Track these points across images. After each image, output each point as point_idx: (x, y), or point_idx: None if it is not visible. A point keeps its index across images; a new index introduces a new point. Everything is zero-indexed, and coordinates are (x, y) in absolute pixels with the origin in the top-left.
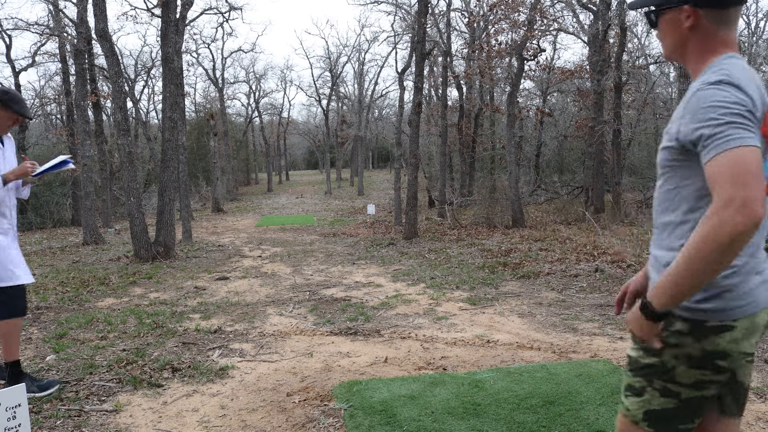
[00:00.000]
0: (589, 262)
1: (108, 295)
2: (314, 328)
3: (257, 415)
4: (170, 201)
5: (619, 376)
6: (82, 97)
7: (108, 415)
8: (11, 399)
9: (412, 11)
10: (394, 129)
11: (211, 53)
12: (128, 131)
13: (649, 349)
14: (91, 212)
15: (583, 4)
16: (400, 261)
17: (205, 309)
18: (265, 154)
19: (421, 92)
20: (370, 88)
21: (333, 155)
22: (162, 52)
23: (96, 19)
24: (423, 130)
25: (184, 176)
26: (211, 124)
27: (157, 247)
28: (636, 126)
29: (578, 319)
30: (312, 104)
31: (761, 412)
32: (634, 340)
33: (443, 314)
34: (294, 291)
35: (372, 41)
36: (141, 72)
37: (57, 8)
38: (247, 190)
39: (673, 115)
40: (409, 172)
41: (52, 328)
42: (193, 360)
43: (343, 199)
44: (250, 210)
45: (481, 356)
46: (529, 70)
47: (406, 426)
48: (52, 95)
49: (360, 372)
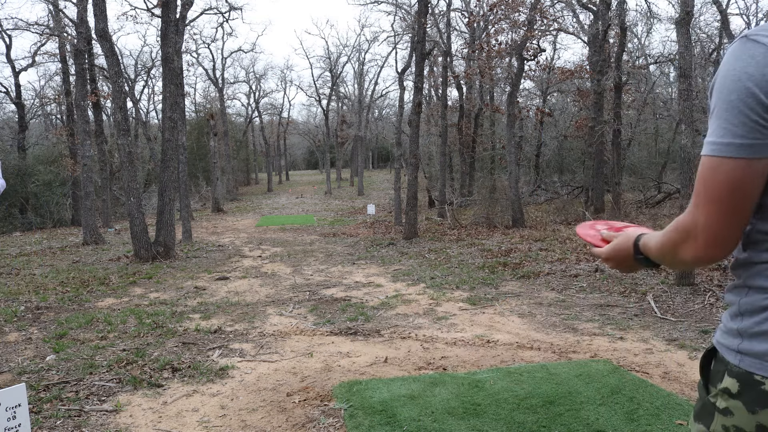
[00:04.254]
0: (589, 262)
1: (108, 295)
2: (314, 328)
3: (257, 415)
4: (170, 201)
5: (619, 376)
6: (82, 97)
7: (108, 415)
8: (11, 399)
9: (412, 11)
10: (394, 129)
11: (211, 53)
12: (128, 131)
13: (699, 414)
14: (91, 212)
15: (583, 4)
16: (400, 261)
17: (205, 309)
18: (265, 154)
19: (421, 92)
20: (370, 88)
21: (333, 155)
22: (162, 52)
23: (96, 19)
24: (423, 130)
25: (184, 176)
26: (211, 124)
27: (157, 247)
28: (636, 126)
29: (578, 319)
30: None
31: None
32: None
33: (443, 314)
34: (294, 291)
35: (372, 41)
36: (141, 72)
37: (57, 8)
38: (247, 190)
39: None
40: (409, 172)
41: (52, 328)
42: (193, 360)
43: (343, 199)
44: (250, 210)
45: (481, 356)
46: (529, 70)
47: (406, 426)
48: (52, 95)
49: (360, 372)
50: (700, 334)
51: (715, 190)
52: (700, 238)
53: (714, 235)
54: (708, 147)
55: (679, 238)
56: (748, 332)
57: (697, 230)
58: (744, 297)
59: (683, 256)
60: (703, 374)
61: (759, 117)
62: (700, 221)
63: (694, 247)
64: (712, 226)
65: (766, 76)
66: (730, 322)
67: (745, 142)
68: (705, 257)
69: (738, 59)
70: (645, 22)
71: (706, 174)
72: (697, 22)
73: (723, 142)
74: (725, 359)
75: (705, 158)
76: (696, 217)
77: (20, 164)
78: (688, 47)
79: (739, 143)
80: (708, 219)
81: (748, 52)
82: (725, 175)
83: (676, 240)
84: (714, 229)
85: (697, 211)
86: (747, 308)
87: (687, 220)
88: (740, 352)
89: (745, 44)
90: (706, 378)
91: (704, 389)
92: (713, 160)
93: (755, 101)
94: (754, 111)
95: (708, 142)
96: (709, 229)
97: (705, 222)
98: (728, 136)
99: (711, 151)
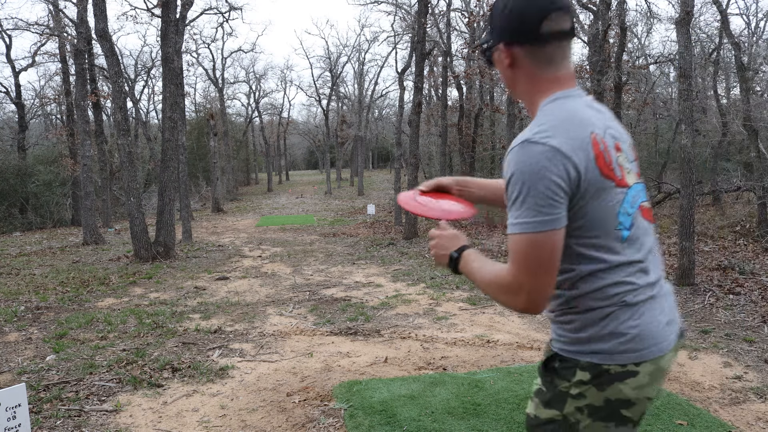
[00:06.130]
0: None
1: (108, 295)
2: (314, 328)
3: (257, 415)
4: (170, 201)
5: None
6: (82, 97)
7: (108, 415)
8: (11, 399)
9: (412, 11)
10: (394, 129)
11: (211, 53)
12: (128, 131)
13: (550, 402)
14: (91, 212)
15: (583, 4)
16: (400, 261)
17: (205, 309)
18: (265, 154)
19: (421, 92)
20: (370, 88)
21: (333, 155)
22: (162, 52)
23: (96, 19)
24: (423, 130)
25: (184, 176)
26: (211, 124)
27: (157, 247)
28: (636, 126)
29: None
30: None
31: (761, 412)
32: (535, 397)
33: (443, 314)
34: (294, 291)
35: (372, 41)
36: (141, 72)
37: (57, 8)
38: (247, 190)
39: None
40: (409, 172)
41: (52, 328)
42: (193, 360)
43: (343, 199)
44: (250, 210)
45: (481, 356)
46: None
47: (406, 426)
48: (52, 95)
49: (360, 372)
50: (701, 334)
51: (539, 259)
52: (529, 298)
53: (543, 294)
54: (524, 226)
55: (504, 295)
56: (593, 338)
57: (523, 292)
58: (583, 315)
59: (510, 306)
60: (547, 374)
61: (558, 197)
62: (525, 286)
63: (523, 302)
64: (540, 289)
65: (558, 166)
66: (577, 334)
67: (554, 217)
68: (533, 310)
69: (530, 157)
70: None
71: (527, 249)
72: (697, 22)
73: (537, 220)
74: (574, 359)
75: (524, 236)
76: (521, 282)
77: (20, 164)
78: (688, 47)
79: (549, 219)
80: (536, 283)
81: (536, 151)
82: (547, 245)
83: (501, 292)
84: (542, 290)
85: (523, 278)
86: (588, 322)
87: (512, 284)
88: (591, 352)
89: (530, 146)
90: (552, 376)
91: (551, 384)
92: (535, 235)
93: (556, 186)
94: (555, 193)
95: (521, 223)
96: (537, 291)
97: (532, 286)
98: (540, 215)
99: (531, 229)
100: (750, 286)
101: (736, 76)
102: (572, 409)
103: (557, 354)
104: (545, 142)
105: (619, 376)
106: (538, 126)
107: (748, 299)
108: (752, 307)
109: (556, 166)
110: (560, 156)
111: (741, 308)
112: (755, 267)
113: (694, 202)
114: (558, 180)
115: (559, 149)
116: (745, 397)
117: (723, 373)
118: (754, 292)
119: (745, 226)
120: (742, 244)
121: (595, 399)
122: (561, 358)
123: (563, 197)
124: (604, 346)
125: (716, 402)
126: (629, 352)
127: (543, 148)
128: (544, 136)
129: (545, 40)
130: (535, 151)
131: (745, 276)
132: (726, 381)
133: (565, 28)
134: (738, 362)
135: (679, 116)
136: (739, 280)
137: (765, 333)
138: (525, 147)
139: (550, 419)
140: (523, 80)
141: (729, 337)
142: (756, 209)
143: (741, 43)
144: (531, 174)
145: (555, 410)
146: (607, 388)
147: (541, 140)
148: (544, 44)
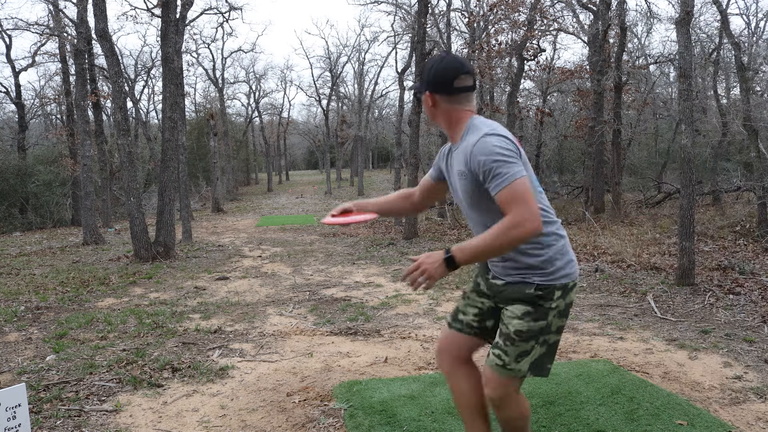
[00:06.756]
0: (589, 262)
1: (108, 295)
2: (314, 328)
3: (257, 415)
4: (170, 201)
5: (619, 376)
6: (82, 97)
7: (108, 415)
8: (11, 399)
9: (412, 11)
10: (394, 129)
11: (211, 53)
12: (128, 131)
13: (539, 318)
14: (91, 212)
15: (583, 4)
16: (400, 261)
17: (205, 309)
18: (265, 154)
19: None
20: (370, 88)
21: (333, 155)
22: (162, 52)
23: (96, 19)
24: (423, 130)
25: (184, 176)
26: (211, 124)
27: (157, 247)
28: (636, 126)
29: (578, 319)
30: (312, 104)
31: (761, 412)
32: (523, 317)
33: (443, 314)
34: (294, 291)
35: (372, 41)
36: (141, 72)
37: (57, 8)
38: (247, 190)
39: (458, 159)
40: (409, 172)
41: (52, 328)
42: (193, 360)
43: (343, 199)
44: (250, 210)
45: (482, 356)
46: (529, 70)
47: (406, 426)
48: (52, 95)
49: (360, 372)
50: (700, 334)
51: (530, 191)
52: (535, 218)
53: (539, 214)
54: (518, 174)
55: (515, 229)
56: (562, 263)
57: (530, 216)
58: (553, 247)
59: (524, 235)
60: (538, 302)
61: (518, 159)
62: (530, 212)
63: (534, 223)
64: (537, 211)
65: (512, 143)
66: (553, 264)
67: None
68: (540, 226)
69: (496, 140)
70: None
71: (525, 186)
72: (697, 22)
73: (520, 168)
74: (552, 284)
75: (520, 179)
76: (525, 212)
77: (20, 164)
78: (688, 47)
79: (522, 168)
80: (535, 207)
81: (497, 138)
82: (527, 182)
83: (512, 230)
84: (538, 212)
85: (525, 208)
86: (556, 253)
87: (519, 217)
88: (561, 276)
89: (491, 137)
90: (537, 302)
91: (539, 306)
92: (523, 177)
93: (516, 152)
94: (516, 156)
95: (516, 173)
96: (537, 212)
97: (533, 209)
98: (519, 166)
99: (522, 174)
100: (750, 286)
101: (736, 76)
102: (551, 317)
103: (538, 285)
104: (498, 133)
105: (572, 287)
106: (484, 129)
107: (748, 299)
108: (752, 307)
109: (512, 142)
110: (510, 139)
111: (741, 308)
112: (755, 267)
113: (694, 202)
114: (515, 149)
115: (507, 136)
116: (745, 397)
117: (723, 373)
118: (754, 292)
119: (745, 226)
120: (742, 244)
121: (561, 305)
122: (541, 287)
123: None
124: (568, 271)
125: (716, 402)
126: (575, 271)
127: (499, 136)
128: (495, 131)
129: (457, 92)
130: (496, 138)
131: (745, 276)
132: (726, 381)
133: (469, 84)
134: (738, 362)
135: (679, 116)
136: (739, 280)
137: (765, 333)
138: (488, 138)
139: (541, 328)
140: (440, 114)
141: (729, 337)
142: (756, 209)
143: (741, 43)
144: (501, 147)
145: (543, 321)
146: (567, 297)
147: (495, 133)
148: (456, 94)
